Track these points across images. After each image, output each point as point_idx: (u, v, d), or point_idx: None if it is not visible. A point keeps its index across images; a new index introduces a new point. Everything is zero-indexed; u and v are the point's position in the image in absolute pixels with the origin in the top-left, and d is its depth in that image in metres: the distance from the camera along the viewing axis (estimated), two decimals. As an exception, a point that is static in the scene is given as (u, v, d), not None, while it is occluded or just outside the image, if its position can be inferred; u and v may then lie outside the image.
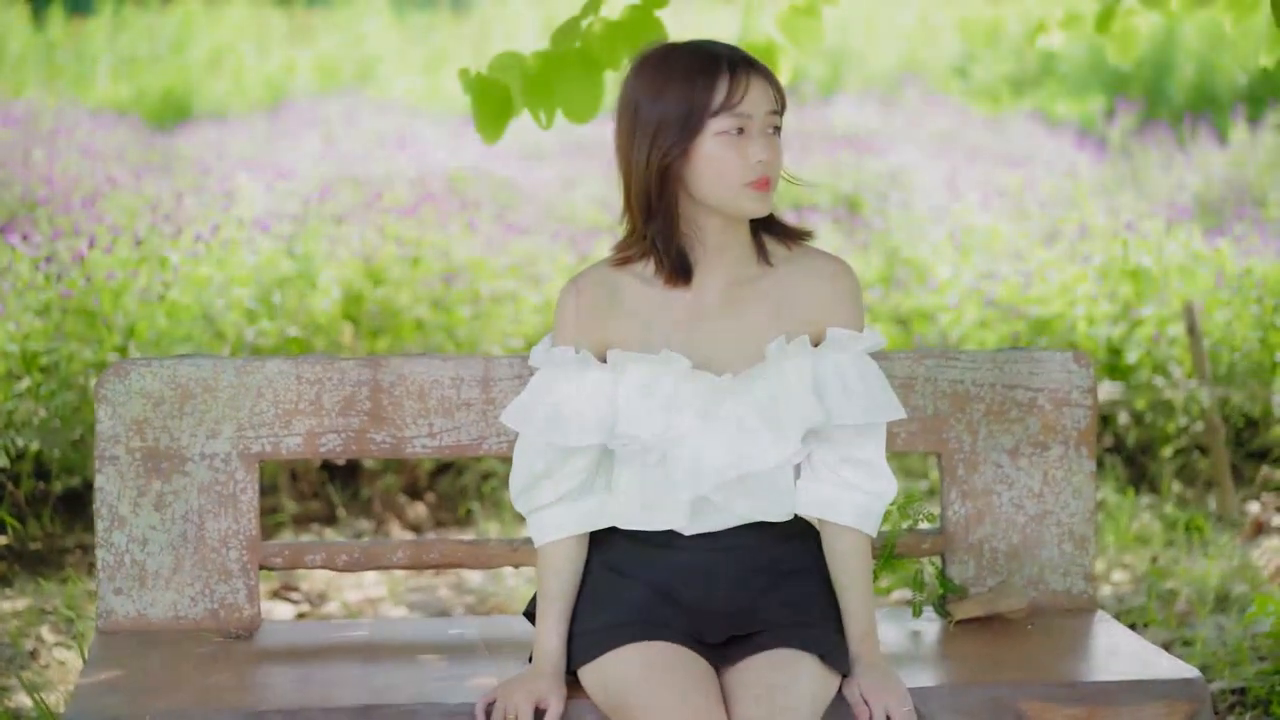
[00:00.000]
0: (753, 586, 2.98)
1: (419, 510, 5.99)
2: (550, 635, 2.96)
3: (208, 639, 3.25)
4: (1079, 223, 6.97)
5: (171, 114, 13.91)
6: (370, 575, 5.38)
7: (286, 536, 5.66)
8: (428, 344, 6.08)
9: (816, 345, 3.02)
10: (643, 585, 2.96)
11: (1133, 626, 4.94)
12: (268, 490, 6.01)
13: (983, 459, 3.43)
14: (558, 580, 3.00)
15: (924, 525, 3.46)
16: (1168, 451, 6.19)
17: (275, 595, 5.25)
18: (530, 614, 3.09)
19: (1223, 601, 5.08)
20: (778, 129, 2.92)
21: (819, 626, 2.93)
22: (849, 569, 3.01)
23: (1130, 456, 6.39)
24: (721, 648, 2.92)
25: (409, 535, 5.83)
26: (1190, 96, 13.44)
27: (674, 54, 2.92)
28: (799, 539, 3.05)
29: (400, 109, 12.80)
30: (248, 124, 12.09)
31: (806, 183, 3.17)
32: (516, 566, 3.40)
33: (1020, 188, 8.00)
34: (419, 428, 3.33)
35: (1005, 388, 3.43)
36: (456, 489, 6.06)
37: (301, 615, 5.13)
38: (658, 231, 2.94)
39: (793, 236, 3.05)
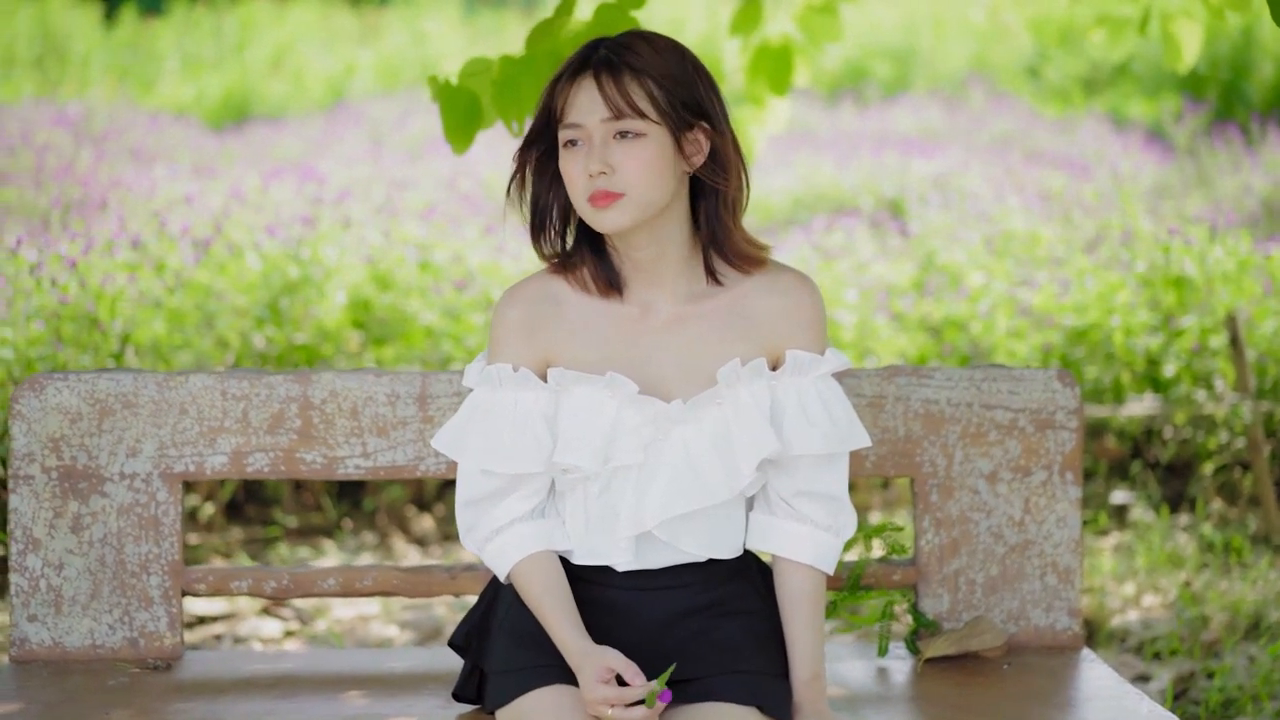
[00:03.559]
0: (687, 628, 2.74)
1: (426, 523, 5.80)
2: (571, 636, 2.65)
3: (124, 670, 3.06)
4: (1123, 228, 6.68)
5: (231, 115, 13.84)
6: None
7: (282, 551, 5.48)
8: (438, 351, 5.89)
9: (776, 368, 2.78)
10: (567, 623, 2.73)
11: (1156, 656, 4.68)
12: (271, 501, 5.85)
13: (959, 484, 3.19)
14: (549, 590, 2.70)
15: (895, 555, 3.22)
16: (1208, 468, 5.90)
17: (265, 611, 5.08)
18: (455, 644, 2.87)
19: (1256, 629, 4.80)
20: (629, 134, 2.65)
21: (759, 673, 2.69)
22: (800, 609, 2.77)
23: (1167, 473, 6.10)
24: (649, 691, 2.69)
25: (414, 549, 5.65)
26: (1269, 97, 13.05)
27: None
28: (744, 576, 2.81)
29: (456, 110, 12.61)
30: (301, 125, 11.98)
31: None
32: (457, 595, 3.19)
33: (1068, 191, 7.71)
34: (352, 447, 3.13)
35: (983, 408, 3.19)
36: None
37: (290, 633, 4.95)
38: (582, 233, 2.75)
39: (744, 258, 2.77)
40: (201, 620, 5.02)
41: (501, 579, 2.77)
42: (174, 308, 5.71)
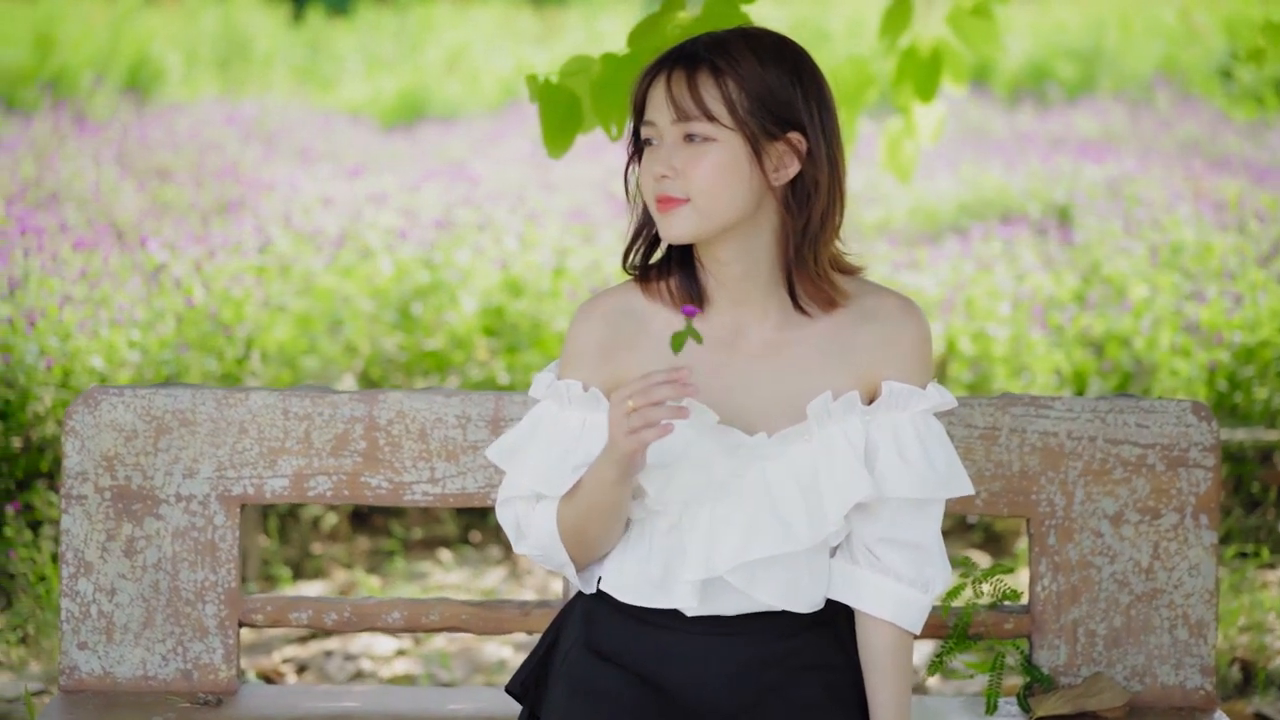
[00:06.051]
0: (760, 682, 2.49)
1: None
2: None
3: (175, 703, 2.89)
4: (1301, 239, 6.28)
5: (405, 115, 13.78)
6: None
7: (400, 564, 5.31)
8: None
9: (872, 402, 2.52)
10: (628, 674, 2.49)
11: (1318, 705, 4.32)
12: (396, 512, 5.69)
13: (1079, 526, 2.90)
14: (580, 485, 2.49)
15: (1007, 601, 2.94)
16: (1388, 500, 5.49)
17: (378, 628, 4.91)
18: (513, 692, 2.65)
19: None
20: (696, 137, 2.42)
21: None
22: (882, 669, 2.51)
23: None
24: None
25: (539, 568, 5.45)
26: None
27: None
28: (826, 626, 2.55)
29: (623, 110, 12.42)
30: (469, 126, 11.87)
31: None
32: (529, 633, 2.97)
33: (1245, 199, 7.28)
34: (419, 472, 2.93)
35: (1108, 442, 2.89)
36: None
37: (401, 652, 4.78)
38: (673, 245, 2.51)
39: (818, 297, 2.51)
40: (314, 635, 4.87)
41: (563, 545, 2.50)
42: (301, 312, 5.58)
